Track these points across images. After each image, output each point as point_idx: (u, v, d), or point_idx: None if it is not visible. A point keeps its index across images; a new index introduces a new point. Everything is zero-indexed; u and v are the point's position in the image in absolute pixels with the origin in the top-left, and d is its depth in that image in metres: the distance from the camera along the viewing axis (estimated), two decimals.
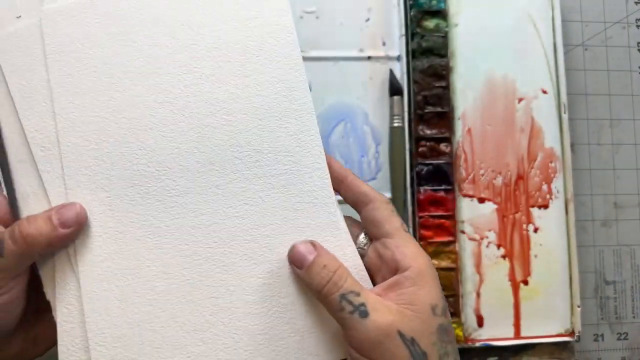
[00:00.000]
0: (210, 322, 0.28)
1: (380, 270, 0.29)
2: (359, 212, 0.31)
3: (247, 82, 0.30)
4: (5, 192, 0.28)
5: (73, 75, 0.28)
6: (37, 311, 0.29)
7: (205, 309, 0.28)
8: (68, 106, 0.28)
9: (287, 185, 0.29)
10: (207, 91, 0.29)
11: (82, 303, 0.27)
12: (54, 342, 0.29)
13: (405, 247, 0.28)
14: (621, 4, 0.49)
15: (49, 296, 0.28)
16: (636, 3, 0.49)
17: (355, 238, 0.30)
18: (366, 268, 0.29)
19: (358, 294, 0.26)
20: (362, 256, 0.30)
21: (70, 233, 0.27)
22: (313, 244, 0.28)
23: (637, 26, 0.49)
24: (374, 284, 0.29)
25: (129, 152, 0.28)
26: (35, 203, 0.28)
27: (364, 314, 0.25)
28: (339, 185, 0.30)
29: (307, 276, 0.27)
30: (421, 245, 0.40)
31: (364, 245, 0.30)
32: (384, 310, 0.25)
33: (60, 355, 0.27)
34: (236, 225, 0.29)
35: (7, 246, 0.25)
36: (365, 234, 0.30)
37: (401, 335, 0.25)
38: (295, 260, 0.28)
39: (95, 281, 0.28)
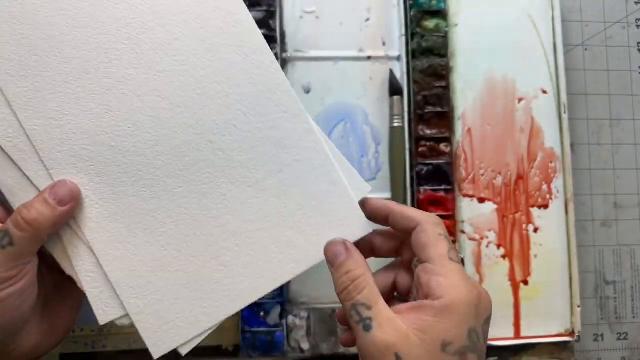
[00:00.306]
0: (225, 247, 0.30)
1: (416, 293, 0.28)
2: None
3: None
4: None
5: (20, 56, 0.28)
6: (48, 298, 0.30)
7: (217, 238, 0.30)
8: (19, 90, 0.28)
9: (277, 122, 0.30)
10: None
11: (102, 267, 0.29)
12: (68, 330, 0.31)
13: (444, 277, 0.26)
14: (621, 4, 0.49)
15: (68, 271, 0.29)
16: (636, 3, 0.49)
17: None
18: (411, 288, 0.29)
19: (369, 308, 0.26)
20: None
21: (70, 209, 0.28)
22: (346, 245, 0.28)
23: (637, 26, 0.49)
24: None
25: (97, 117, 0.29)
26: (23, 193, 0.28)
27: (368, 328, 0.25)
28: (387, 220, 0.30)
29: (333, 275, 0.28)
30: None
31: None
32: (390, 329, 0.25)
33: (99, 319, 0.29)
34: (221, 157, 0.30)
35: (14, 234, 0.26)
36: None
37: (398, 357, 0.24)
38: (328, 258, 0.29)
39: (107, 244, 0.29)
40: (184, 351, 0.29)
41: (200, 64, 0.30)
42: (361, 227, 0.30)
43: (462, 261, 0.30)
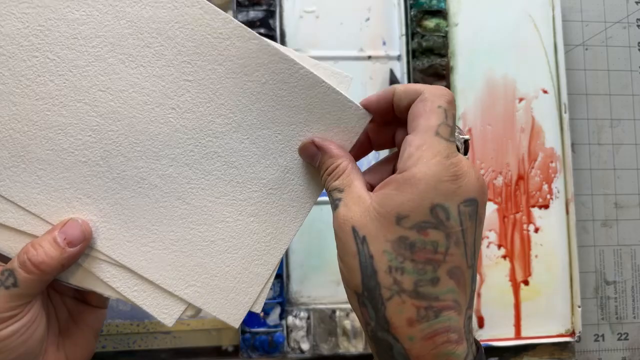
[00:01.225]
0: (247, 198, 0.29)
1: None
2: None
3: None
4: None
5: None
6: (62, 328, 0.29)
7: (234, 193, 0.29)
8: None
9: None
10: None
11: (143, 275, 0.28)
12: (88, 357, 0.30)
13: (417, 149, 0.24)
14: (621, 3, 0.49)
15: (107, 294, 0.28)
16: (637, 3, 0.49)
17: None
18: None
19: (341, 191, 0.26)
20: None
21: (80, 249, 0.26)
22: (316, 143, 0.28)
23: (638, 26, 0.49)
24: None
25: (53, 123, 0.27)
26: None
27: (335, 207, 0.26)
28: (389, 110, 0.28)
29: (318, 168, 0.28)
30: None
31: None
32: (353, 206, 0.25)
33: (166, 323, 0.28)
34: (192, 118, 0.28)
35: (19, 275, 0.25)
36: None
37: (354, 231, 0.24)
38: (307, 161, 0.29)
39: (133, 252, 0.28)
40: (258, 309, 0.29)
41: (115, 35, 0.27)
42: (360, 119, 0.29)
43: (466, 144, 0.27)
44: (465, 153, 0.27)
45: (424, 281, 0.23)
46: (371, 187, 0.26)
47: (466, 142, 0.27)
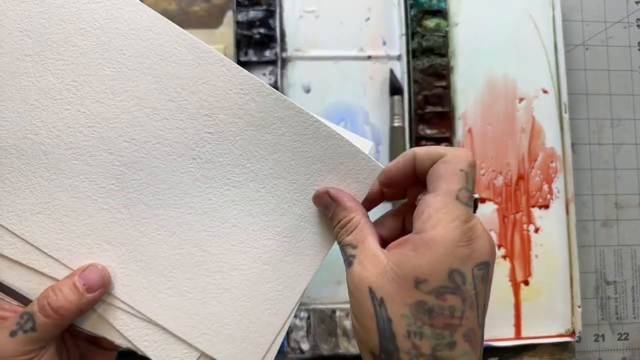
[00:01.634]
0: (261, 246, 0.29)
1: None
2: None
3: None
4: None
5: None
6: None
7: (249, 241, 0.29)
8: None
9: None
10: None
11: (158, 322, 0.28)
12: None
13: (436, 211, 0.24)
14: (622, 3, 0.49)
15: (118, 342, 0.28)
16: (637, 3, 0.49)
17: None
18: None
19: (355, 247, 0.26)
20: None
21: (98, 295, 0.27)
22: (330, 194, 0.28)
23: (638, 26, 0.49)
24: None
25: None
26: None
27: (349, 264, 0.26)
28: (408, 177, 0.28)
29: (331, 218, 0.28)
30: None
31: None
32: (369, 264, 0.25)
33: None
34: (210, 168, 0.29)
35: (38, 319, 0.25)
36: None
37: (371, 292, 0.24)
38: (321, 210, 0.29)
39: (148, 299, 0.28)
40: (271, 358, 0.29)
41: (142, 89, 0.29)
42: (372, 171, 0.29)
43: (475, 203, 0.27)
44: (474, 211, 0.27)
45: (442, 345, 0.24)
46: (381, 240, 0.27)
47: (476, 200, 0.28)
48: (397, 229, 0.29)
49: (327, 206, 0.28)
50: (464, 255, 0.24)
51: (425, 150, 0.26)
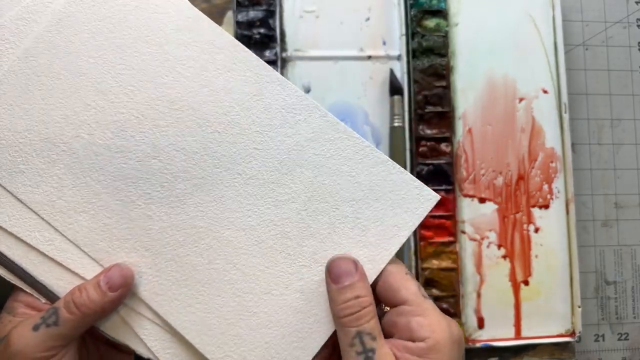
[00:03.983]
0: (296, 272, 0.28)
1: (393, 338, 0.27)
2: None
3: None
4: None
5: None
6: None
7: (284, 265, 0.28)
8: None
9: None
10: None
11: (185, 336, 0.27)
12: None
13: (423, 317, 0.26)
14: (622, 3, 0.49)
15: (139, 350, 0.28)
16: (637, 3, 0.49)
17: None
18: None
19: (374, 339, 0.25)
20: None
21: (120, 295, 0.27)
22: (355, 264, 0.27)
23: (638, 26, 0.49)
24: None
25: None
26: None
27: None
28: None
29: (336, 295, 0.26)
30: (421, 246, 0.39)
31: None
32: None
33: None
34: (254, 184, 0.29)
35: (62, 314, 0.26)
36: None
37: None
38: (333, 275, 0.27)
39: (181, 313, 0.28)
40: None
41: (198, 101, 0.29)
42: (426, 201, 0.29)
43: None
44: None
45: None
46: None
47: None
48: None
49: (347, 273, 0.27)
50: (459, 350, 0.26)
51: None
